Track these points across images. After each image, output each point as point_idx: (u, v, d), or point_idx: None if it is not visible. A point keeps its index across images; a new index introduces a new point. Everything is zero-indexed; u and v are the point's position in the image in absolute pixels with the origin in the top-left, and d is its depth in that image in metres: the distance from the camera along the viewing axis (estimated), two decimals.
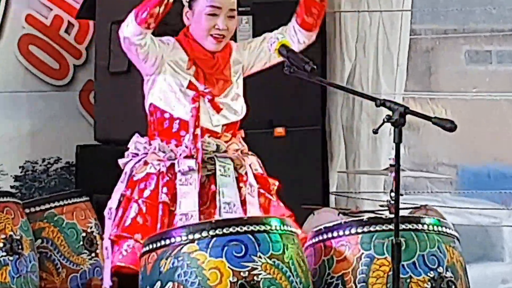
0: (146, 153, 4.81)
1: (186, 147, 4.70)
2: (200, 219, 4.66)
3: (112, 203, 4.83)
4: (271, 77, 5.28)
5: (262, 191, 4.92)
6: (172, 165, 4.73)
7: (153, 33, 5.15)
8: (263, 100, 6.02)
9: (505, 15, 6.74)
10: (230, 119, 4.85)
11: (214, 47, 4.77)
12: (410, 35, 6.91)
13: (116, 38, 5.95)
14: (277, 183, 5.05)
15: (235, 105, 4.89)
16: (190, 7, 4.82)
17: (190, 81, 4.78)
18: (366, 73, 7.04)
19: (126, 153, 4.94)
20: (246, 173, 4.87)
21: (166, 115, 4.76)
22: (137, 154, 4.85)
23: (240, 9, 6.01)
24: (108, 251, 4.81)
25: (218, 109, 4.81)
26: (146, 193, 4.75)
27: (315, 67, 4.68)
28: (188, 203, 4.62)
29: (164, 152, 4.71)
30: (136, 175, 4.84)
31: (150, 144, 4.81)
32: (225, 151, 4.78)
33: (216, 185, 4.72)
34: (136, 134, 4.93)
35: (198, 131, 4.71)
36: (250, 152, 4.98)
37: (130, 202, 4.83)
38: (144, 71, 4.78)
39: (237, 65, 4.98)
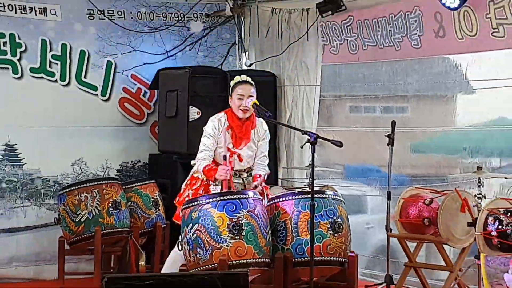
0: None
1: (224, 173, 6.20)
2: None
3: (184, 183, 6.55)
4: None
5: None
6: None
7: None
8: None
9: (370, 87, 8.22)
10: (245, 166, 6.42)
11: (242, 115, 6.37)
12: (320, 98, 8.66)
13: (169, 99, 8.37)
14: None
15: (250, 155, 6.33)
16: (231, 95, 6.46)
17: (227, 147, 6.32)
18: (297, 117, 8.80)
19: (196, 159, 6.42)
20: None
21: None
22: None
23: None
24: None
25: (241, 160, 6.44)
26: (194, 187, 6.42)
27: (271, 114, 6.47)
28: None
29: None
30: (194, 174, 6.46)
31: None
32: (239, 176, 6.40)
33: None
34: (199, 156, 6.37)
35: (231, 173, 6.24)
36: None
37: (187, 188, 6.44)
38: None
39: (255, 134, 6.42)
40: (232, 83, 6.50)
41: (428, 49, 7.59)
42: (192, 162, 6.48)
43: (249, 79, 6.47)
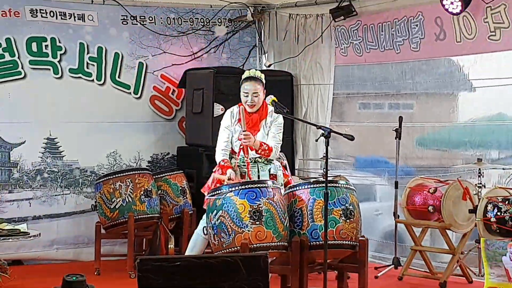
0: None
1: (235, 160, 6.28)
2: None
3: (213, 171, 6.45)
4: None
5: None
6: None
7: None
8: None
9: (379, 86, 8.23)
10: (257, 155, 6.33)
11: (250, 110, 6.35)
12: (333, 95, 8.65)
13: (195, 96, 8.35)
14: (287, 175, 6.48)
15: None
16: (240, 90, 6.38)
17: (239, 137, 6.27)
18: (312, 113, 8.81)
19: (218, 154, 6.39)
20: (273, 174, 6.40)
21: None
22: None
23: None
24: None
25: (251, 149, 6.37)
26: (217, 173, 6.40)
27: (288, 110, 6.68)
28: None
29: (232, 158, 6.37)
30: (221, 163, 6.36)
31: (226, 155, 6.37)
32: (255, 162, 6.34)
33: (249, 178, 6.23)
34: (220, 147, 6.37)
35: (239, 159, 6.25)
36: (273, 161, 6.42)
37: (212, 175, 6.44)
38: None
39: (265, 124, 6.36)
40: (242, 76, 6.44)
41: (428, 52, 7.56)
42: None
43: (258, 74, 6.38)
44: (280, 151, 6.59)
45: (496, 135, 7.29)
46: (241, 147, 6.22)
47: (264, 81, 6.39)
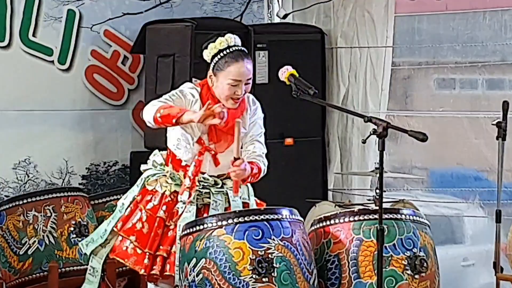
0: (162, 170, 5.53)
1: (189, 181, 5.43)
2: None
3: (126, 200, 5.62)
4: (282, 99, 6.23)
5: None
6: (176, 191, 5.47)
7: None
8: (277, 117, 6.69)
9: (466, 50, 7.54)
10: (225, 172, 5.51)
11: (232, 106, 5.50)
12: (392, 66, 7.88)
13: (161, 67, 7.47)
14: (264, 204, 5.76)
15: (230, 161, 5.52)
16: (214, 73, 5.48)
17: (200, 137, 5.46)
18: (357, 96, 8.01)
19: (148, 161, 5.68)
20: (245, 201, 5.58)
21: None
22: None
23: (258, 45, 7.45)
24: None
25: (217, 164, 5.53)
26: (150, 205, 5.51)
27: (316, 91, 5.49)
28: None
29: (173, 179, 5.46)
30: (147, 186, 5.56)
31: (165, 166, 5.55)
32: (221, 186, 5.54)
33: (208, 214, 5.44)
34: (156, 151, 5.69)
35: (197, 178, 5.42)
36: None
37: (137, 207, 5.57)
38: None
39: (248, 120, 5.61)
40: (213, 49, 5.56)
41: None
42: (143, 167, 5.73)
43: (239, 42, 5.62)
44: None
45: None
46: (195, 163, 5.53)
47: None
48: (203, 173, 5.51)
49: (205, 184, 5.47)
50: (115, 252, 5.61)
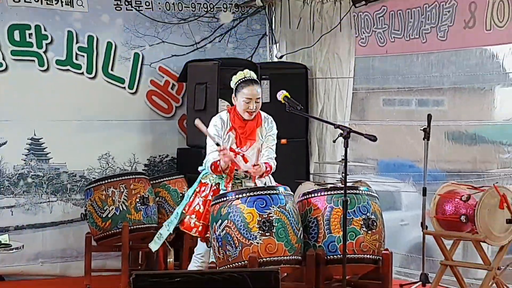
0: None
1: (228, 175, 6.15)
2: None
3: (190, 191, 6.39)
4: (279, 112, 6.59)
5: None
6: (218, 183, 6.22)
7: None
8: (276, 124, 6.65)
9: (404, 80, 8.23)
10: (253, 162, 6.19)
11: (248, 117, 6.24)
12: (353, 90, 8.66)
13: (197, 92, 8.35)
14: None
15: (255, 157, 6.18)
16: (235, 95, 6.26)
17: (230, 147, 6.19)
18: (329, 110, 8.84)
19: (203, 164, 6.28)
20: None
21: None
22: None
23: (263, 76, 8.23)
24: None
25: (246, 161, 6.28)
26: (204, 194, 6.27)
27: (302, 107, 6.38)
28: None
29: (217, 176, 6.21)
30: (202, 180, 6.30)
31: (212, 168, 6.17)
32: (250, 177, 6.25)
33: None
34: (208, 158, 6.22)
35: (232, 174, 6.12)
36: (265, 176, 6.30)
37: (196, 196, 6.31)
38: None
39: (261, 133, 6.32)
40: (235, 79, 6.31)
41: (454, 41, 7.58)
42: (200, 168, 6.39)
43: (254, 75, 6.33)
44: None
45: None
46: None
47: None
48: (237, 170, 6.19)
49: (238, 177, 6.28)
50: (184, 226, 6.33)
